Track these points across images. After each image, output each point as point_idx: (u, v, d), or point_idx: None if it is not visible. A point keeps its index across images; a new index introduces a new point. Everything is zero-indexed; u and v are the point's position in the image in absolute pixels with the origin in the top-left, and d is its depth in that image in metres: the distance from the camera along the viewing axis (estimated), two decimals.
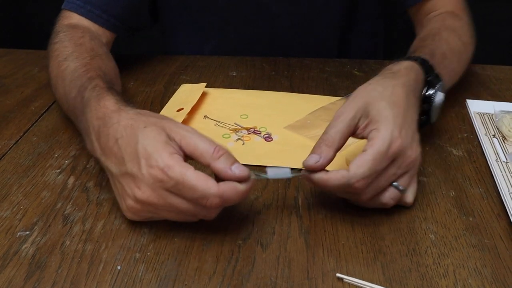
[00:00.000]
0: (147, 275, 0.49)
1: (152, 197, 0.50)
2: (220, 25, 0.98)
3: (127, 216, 0.54)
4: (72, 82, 0.67)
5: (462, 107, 0.80)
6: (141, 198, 0.50)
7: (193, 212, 0.51)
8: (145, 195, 0.50)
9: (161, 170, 0.49)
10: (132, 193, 0.51)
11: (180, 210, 0.51)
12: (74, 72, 0.69)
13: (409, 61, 0.65)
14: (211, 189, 0.49)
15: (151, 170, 0.49)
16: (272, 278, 0.49)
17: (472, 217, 0.57)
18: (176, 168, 0.49)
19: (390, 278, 0.49)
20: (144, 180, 0.50)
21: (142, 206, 0.52)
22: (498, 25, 1.47)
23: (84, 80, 0.65)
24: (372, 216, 0.57)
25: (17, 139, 0.71)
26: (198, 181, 0.49)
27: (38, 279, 0.49)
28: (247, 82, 0.88)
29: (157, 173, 0.49)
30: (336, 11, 0.97)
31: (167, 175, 0.49)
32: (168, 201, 0.50)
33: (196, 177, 0.49)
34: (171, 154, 0.49)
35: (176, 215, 0.52)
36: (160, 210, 0.52)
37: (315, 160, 0.54)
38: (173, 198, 0.50)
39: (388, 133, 0.54)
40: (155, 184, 0.49)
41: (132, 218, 0.54)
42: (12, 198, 0.60)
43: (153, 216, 0.54)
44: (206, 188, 0.49)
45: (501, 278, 0.50)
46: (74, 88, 0.66)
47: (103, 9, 0.84)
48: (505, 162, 0.65)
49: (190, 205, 0.50)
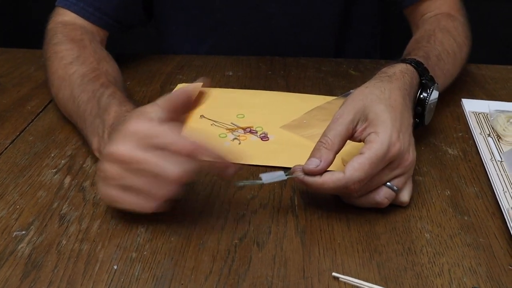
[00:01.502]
0: (144, 274, 0.50)
1: (119, 150, 0.50)
2: (216, 25, 0.98)
3: (99, 192, 0.54)
4: (81, 87, 0.68)
5: (457, 106, 0.81)
6: (108, 151, 0.51)
7: (159, 167, 0.49)
8: (113, 147, 0.51)
9: (135, 123, 0.51)
10: (105, 151, 0.51)
11: (146, 162, 0.49)
12: (83, 77, 0.70)
13: (404, 64, 0.65)
14: (184, 137, 0.50)
15: (126, 124, 0.51)
16: (268, 277, 0.49)
17: (467, 216, 0.58)
18: (151, 122, 0.51)
19: (385, 277, 0.50)
20: (117, 135, 0.51)
21: (110, 165, 0.51)
22: (494, 24, 1.47)
23: (96, 86, 0.67)
24: (367, 215, 0.57)
25: (13, 139, 0.71)
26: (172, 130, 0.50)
27: (34, 279, 0.49)
28: (244, 82, 0.88)
29: (130, 126, 0.51)
30: (332, 11, 0.97)
31: (139, 125, 0.50)
32: (135, 153, 0.50)
33: (169, 129, 0.50)
34: (150, 117, 0.51)
35: (142, 181, 0.50)
36: (127, 172, 0.50)
37: (315, 164, 0.54)
38: (140, 151, 0.50)
39: (387, 137, 0.54)
40: (126, 137, 0.50)
41: (101, 194, 0.54)
42: (8, 198, 0.60)
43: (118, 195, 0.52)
44: (180, 136, 0.50)
45: (495, 276, 0.50)
46: (85, 92, 0.67)
47: (96, 7, 0.84)
48: (500, 161, 0.66)
49: (157, 158, 0.49)
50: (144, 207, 0.52)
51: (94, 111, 0.63)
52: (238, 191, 0.61)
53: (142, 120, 0.51)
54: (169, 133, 0.50)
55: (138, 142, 0.50)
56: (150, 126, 0.50)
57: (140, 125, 0.50)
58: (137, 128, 0.50)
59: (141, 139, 0.50)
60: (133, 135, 0.50)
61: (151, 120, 0.51)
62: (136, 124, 0.51)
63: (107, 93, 0.65)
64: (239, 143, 0.70)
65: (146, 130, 0.50)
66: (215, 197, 0.60)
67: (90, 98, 0.66)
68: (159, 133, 0.50)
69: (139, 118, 0.51)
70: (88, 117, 0.64)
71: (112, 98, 0.63)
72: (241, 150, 0.68)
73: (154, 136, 0.50)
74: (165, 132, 0.50)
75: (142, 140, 0.50)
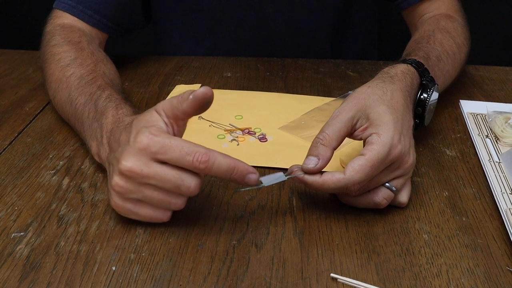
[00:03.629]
0: (142, 275, 0.50)
1: (135, 166, 0.50)
2: (213, 26, 0.98)
3: (112, 204, 0.53)
4: (78, 89, 0.68)
5: (455, 107, 0.81)
6: (125, 167, 0.50)
7: (177, 182, 0.50)
8: (128, 163, 0.50)
9: (147, 137, 0.50)
10: (117, 166, 0.51)
11: (164, 179, 0.50)
12: (81, 79, 0.70)
13: (405, 65, 0.65)
14: (198, 146, 0.49)
15: (137, 139, 0.50)
16: (267, 278, 0.49)
17: (465, 217, 0.58)
18: (162, 135, 0.50)
19: (384, 278, 0.50)
20: (129, 150, 0.50)
21: (126, 180, 0.51)
22: (492, 26, 1.48)
23: (94, 88, 0.67)
24: (366, 216, 0.57)
25: (11, 140, 0.71)
26: (184, 142, 0.50)
27: (32, 280, 0.49)
28: (242, 83, 0.88)
29: (143, 140, 0.50)
30: (330, 12, 0.97)
31: (152, 140, 0.49)
32: (153, 169, 0.50)
33: (182, 140, 0.50)
34: (159, 128, 0.51)
35: (159, 195, 0.51)
36: (144, 186, 0.50)
37: (314, 163, 0.54)
38: (157, 166, 0.50)
39: (389, 139, 0.54)
40: (140, 152, 0.50)
41: (116, 206, 0.53)
42: (7, 199, 0.60)
43: (135, 208, 0.52)
44: (193, 145, 0.49)
45: (493, 277, 0.50)
46: (82, 95, 0.67)
47: (95, 9, 0.84)
48: (497, 162, 0.66)
49: (174, 172, 0.50)
50: (160, 218, 0.53)
51: (92, 114, 0.63)
52: (236, 193, 0.61)
53: (155, 133, 0.50)
54: (184, 144, 0.49)
55: (153, 156, 0.50)
56: (164, 138, 0.50)
57: (154, 138, 0.50)
58: (150, 142, 0.49)
59: (156, 152, 0.49)
60: (147, 148, 0.49)
61: (162, 131, 0.50)
62: (149, 137, 0.50)
63: (104, 96, 0.64)
64: (237, 144, 0.70)
65: (160, 143, 0.49)
66: (214, 198, 0.60)
67: (87, 101, 0.65)
68: (174, 145, 0.49)
69: (150, 130, 0.50)
70: (86, 120, 0.64)
71: (109, 101, 0.63)
72: (239, 151, 0.69)
73: (169, 149, 0.49)
74: (180, 143, 0.49)
75: (157, 153, 0.49)
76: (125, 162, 0.50)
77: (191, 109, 0.51)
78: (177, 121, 0.52)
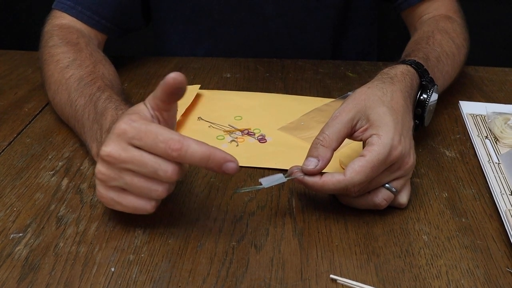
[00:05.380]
0: (141, 277, 0.49)
1: (113, 150, 0.50)
2: (213, 27, 0.98)
3: (98, 194, 0.53)
4: (78, 91, 0.68)
5: (455, 108, 0.81)
6: (104, 152, 0.50)
7: (154, 166, 0.49)
8: (108, 148, 0.50)
9: (125, 123, 0.50)
10: (100, 153, 0.51)
11: (141, 162, 0.49)
12: (80, 80, 0.69)
13: (405, 65, 0.65)
14: (173, 133, 0.49)
15: (117, 125, 0.50)
16: (266, 279, 0.49)
17: (464, 218, 0.58)
18: (141, 121, 0.50)
19: (383, 279, 0.50)
20: (110, 136, 0.51)
21: (107, 167, 0.51)
22: (491, 26, 1.48)
23: (93, 89, 0.67)
24: (365, 217, 0.57)
25: (10, 141, 0.71)
26: (160, 128, 0.49)
27: (31, 281, 0.49)
28: (241, 84, 0.88)
29: (121, 126, 0.50)
30: (328, 14, 0.97)
31: (130, 125, 0.50)
32: (130, 154, 0.49)
33: (160, 127, 0.50)
34: (141, 115, 0.51)
35: (139, 181, 0.50)
36: (123, 172, 0.50)
37: (314, 164, 0.54)
38: (134, 150, 0.50)
39: (389, 140, 0.53)
40: (119, 137, 0.50)
41: (101, 196, 0.53)
42: (5, 200, 0.59)
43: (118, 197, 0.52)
44: (169, 132, 0.49)
45: (493, 278, 0.50)
46: (82, 96, 0.67)
47: (94, 10, 0.84)
48: (497, 163, 0.66)
49: (151, 156, 0.49)
50: (144, 208, 0.52)
51: (92, 116, 0.63)
52: (236, 194, 0.61)
53: (134, 119, 0.50)
54: (159, 131, 0.49)
55: (130, 141, 0.50)
56: (141, 124, 0.50)
57: (132, 124, 0.50)
58: (128, 127, 0.50)
59: (132, 138, 0.50)
60: (124, 134, 0.50)
61: (143, 118, 0.51)
62: (128, 123, 0.50)
63: (103, 97, 0.64)
64: (236, 145, 0.70)
65: (137, 129, 0.50)
66: (213, 199, 0.60)
67: (87, 102, 0.65)
68: (149, 131, 0.49)
69: (130, 117, 0.51)
70: (86, 122, 0.64)
71: (108, 102, 0.63)
72: (239, 152, 0.68)
73: (144, 135, 0.49)
74: (155, 130, 0.49)
75: (133, 139, 0.50)
76: (104, 147, 0.50)
77: (164, 95, 0.50)
78: (161, 112, 0.52)
